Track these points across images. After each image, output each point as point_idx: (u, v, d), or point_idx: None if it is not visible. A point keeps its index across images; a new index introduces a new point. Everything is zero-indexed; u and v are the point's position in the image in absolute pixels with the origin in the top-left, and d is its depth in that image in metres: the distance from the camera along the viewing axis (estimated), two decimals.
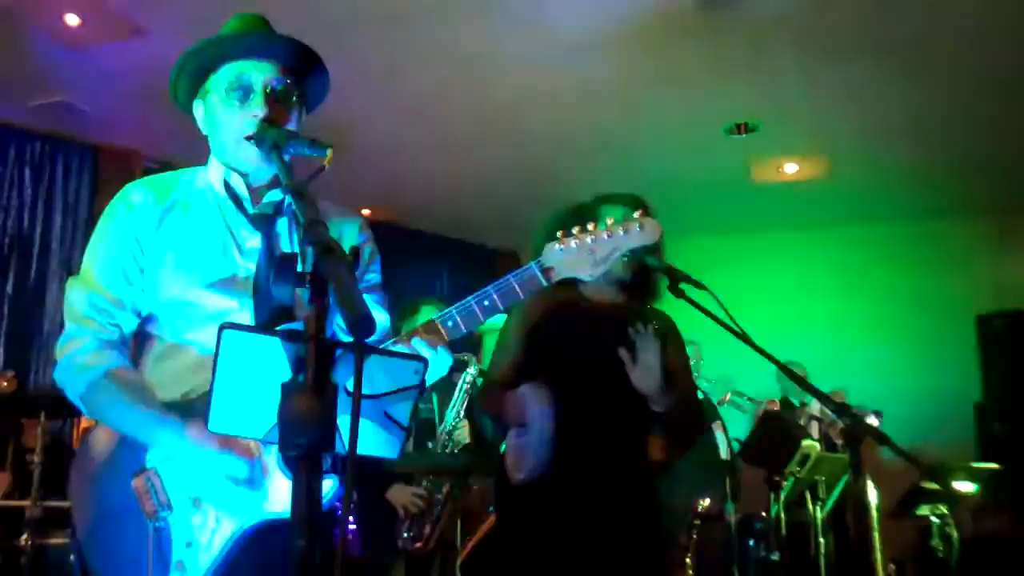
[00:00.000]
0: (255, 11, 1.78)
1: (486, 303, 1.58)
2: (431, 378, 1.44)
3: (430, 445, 3.78)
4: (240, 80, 1.69)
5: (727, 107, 5.42)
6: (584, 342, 2.56)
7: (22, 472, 4.56)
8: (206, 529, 1.56)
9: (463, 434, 3.83)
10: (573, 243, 1.59)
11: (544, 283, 1.59)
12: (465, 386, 3.85)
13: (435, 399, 3.87)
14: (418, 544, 3.64)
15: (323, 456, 1.13)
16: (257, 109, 1.66)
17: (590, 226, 1.60)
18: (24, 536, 4.08)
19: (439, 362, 1.57)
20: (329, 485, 1.55)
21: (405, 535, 3.63)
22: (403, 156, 6.12)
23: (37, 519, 4.11)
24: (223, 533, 1.56)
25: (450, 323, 1.57)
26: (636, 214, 1.64)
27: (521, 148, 5.97)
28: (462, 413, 3.84)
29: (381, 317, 1.80)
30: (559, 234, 1.60)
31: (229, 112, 1.69)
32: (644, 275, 2.55)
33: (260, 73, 1.69)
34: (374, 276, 1.88)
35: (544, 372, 2.50)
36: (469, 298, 1.58)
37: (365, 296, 1.27)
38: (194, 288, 1.66)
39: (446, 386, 3.83)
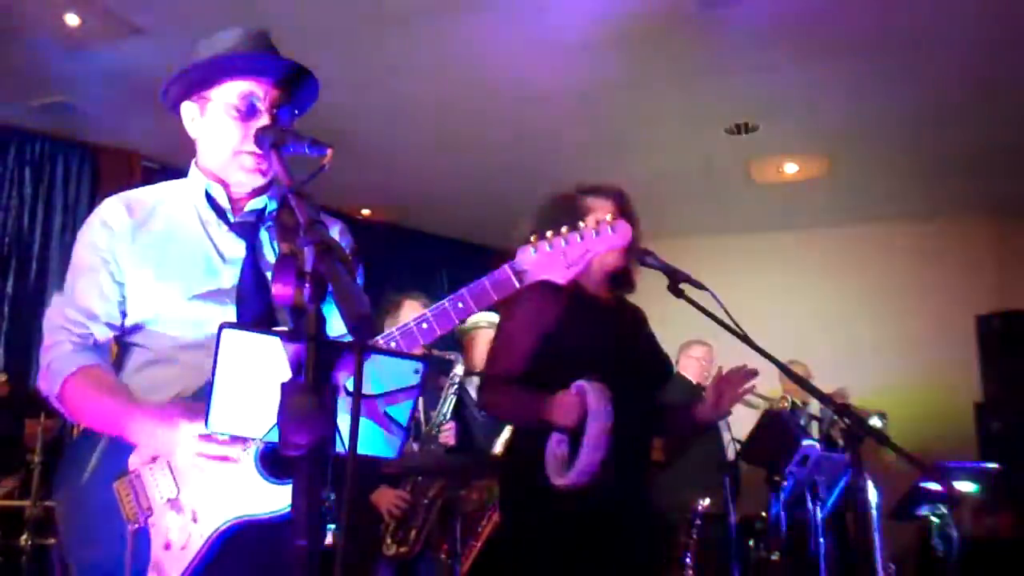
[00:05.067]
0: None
1: (460, 305, 1.58)
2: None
3: (415, 447, 3.64)
4: (246, 98, 1.70)
5: (727, 107, 5.42)
6: (607, 341, 2.54)
7: (22, 472, 4.55)
8: (184, 531, 1.56)
9: (448, 435, 3.71)
10: (546, 246, 1.59)
11: (517, 285, 1.59)
12: (453, 387, 3.73)
13: (419, 399, 3.72)
14: (403, 549, 3.51)
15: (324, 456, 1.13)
16: (260, 126, 1.68)
17: (563, 229, 1.59)
18: (24, 536, 4.09)
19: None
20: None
21: (389, 540, 3.50)
22: (403, 156, 6.11)
23: (37, 519, 4.11)
24: (200, 535, 1.56)
25: (424, 325, 1.57)
26: (608, 216, 1.63)
27: (521, 148, 5.97)
28: (449, 414, 3.72)
29: None
30: (532, 237, 1.60)
31: (230, 125, 1.71)
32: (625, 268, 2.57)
33: (263, 90, 1.71)
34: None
35: (572, 372, 2.40)
36: (443, 301, 1.59)
37: None
38: (177, 300, 1.68)
39: (430, 386, 3.71)
